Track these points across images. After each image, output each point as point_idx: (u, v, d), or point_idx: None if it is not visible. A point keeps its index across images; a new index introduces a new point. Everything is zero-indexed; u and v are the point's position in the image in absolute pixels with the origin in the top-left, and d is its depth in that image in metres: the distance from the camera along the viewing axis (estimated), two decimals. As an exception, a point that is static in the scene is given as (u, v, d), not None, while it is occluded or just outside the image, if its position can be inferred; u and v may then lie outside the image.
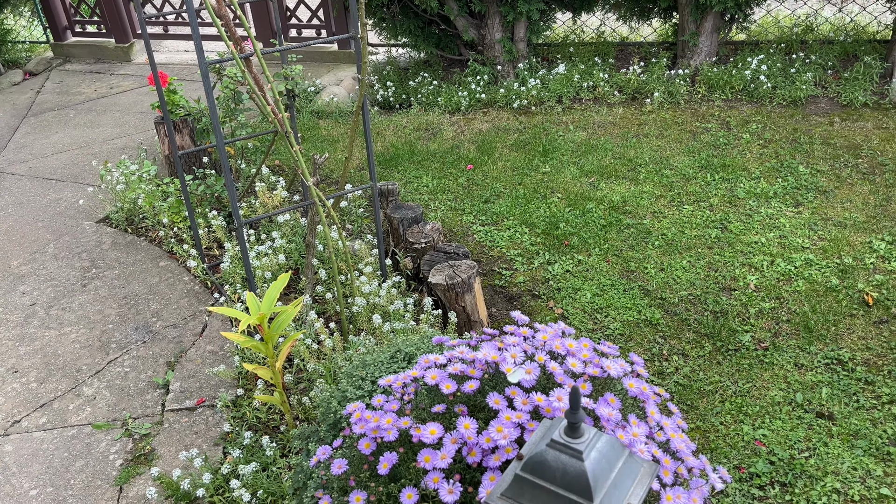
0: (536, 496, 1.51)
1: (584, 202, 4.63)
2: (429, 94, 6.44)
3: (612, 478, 1.50)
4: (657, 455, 1.86)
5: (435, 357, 2.10)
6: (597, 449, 1.49)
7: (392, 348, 2.69)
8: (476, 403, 2.03)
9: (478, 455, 1.87)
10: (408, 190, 5.08)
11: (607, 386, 2.04)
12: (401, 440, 2.00)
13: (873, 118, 5.23)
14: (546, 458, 1.50)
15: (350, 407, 2.16)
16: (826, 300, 3.56)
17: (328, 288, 3.69)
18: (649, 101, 5.85)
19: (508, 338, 2.10)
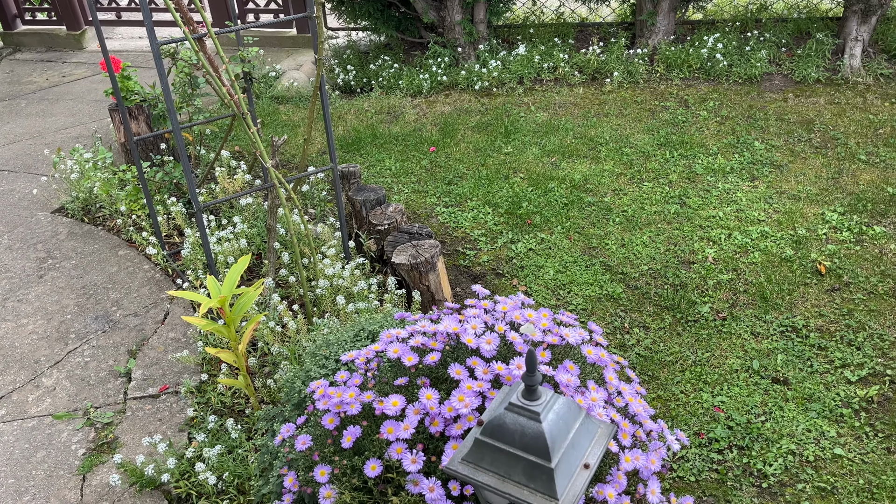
0: (496, 459, 1.54)
1: (546, 181, 4.67)
2: (390, 78, 6.40)
3: (569, 438, 1.53)
4: (616, 419, 1.90)
5: (397, 332, 2.12)
6: (554, 411, 1.52)
7: (355, 327, 2.69)
8: (438, 375, 2.05)
9: (440, 425, 1.89)
10: (371, 173, 5.07)
11: (567, 354, 2.07)
12: (364, 414, 2.01)
13: (825, 94, 5.34)
14: (505, 421, 1.53)
15: (313, 385, 2.16)
16: (781, 270, 3.65)
17: (291, 271, 3.67)
18: (609, 80, 5.90)
19: (469, 310, 2.12)
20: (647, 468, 1.90)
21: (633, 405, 1.97)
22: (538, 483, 1.49)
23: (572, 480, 1.51)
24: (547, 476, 1.48)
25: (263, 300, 3.45)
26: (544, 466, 1.48)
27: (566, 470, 1.50)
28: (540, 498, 1.48)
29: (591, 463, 1.55)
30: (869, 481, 2.57)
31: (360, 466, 1.93)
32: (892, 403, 2.87)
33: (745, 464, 2.70)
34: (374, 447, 1.94)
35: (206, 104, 6.01)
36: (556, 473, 1.48)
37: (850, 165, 4.45)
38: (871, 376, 3.00)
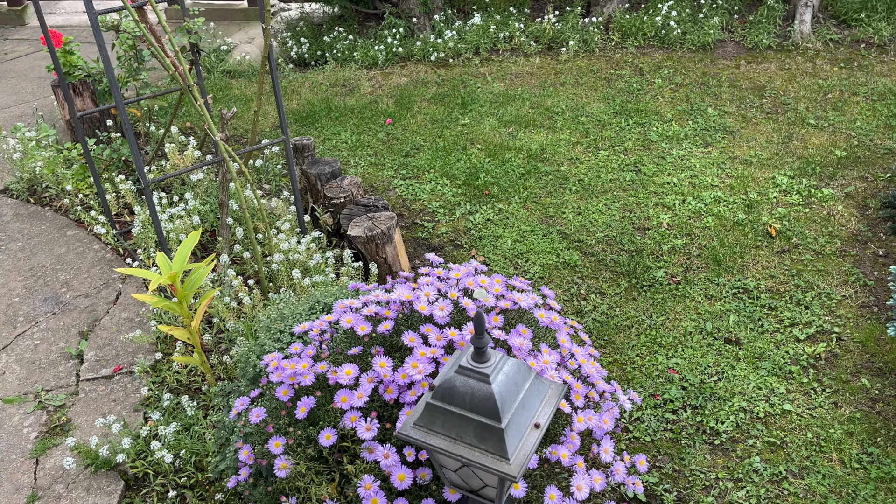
0: (447, 421, 1.54)
1: (504, 152, 4.66)
2: (344, 50, 6.30)
3: (519, 399, 1.54)
4: (568, 380, 1.92)
5: (350, 302, 2.10)
6: (503, 372, 1.52)
7: (311, 300, 2.66)
8: (393, 343, 2.04)
9: (394, 392, 1.88)
10: (326, 146, 5.00)
11: (520, 318, 2.08)
12: (318, 384, 2.00)
13: (776, 60, 5.42)
14: (455, 384, 1.53)
15: (267, 358, 2.14)
16: (733, 234, 3.72)
17: (246, 247, 3.61)
18: (565, 49, 5.89)
19: (423, 279, 2.11)
20: (600, 428, 1.92)
21: (586, 367, 1.99)
22: (489, 444, 1.50)
23: (523, 440, 1.52)
24: (497, 437, 1.49)
25: (218, 277, 3.39)
26: (494, 427, 1.48)
27: (516, 430, 1.51)
28: (491, 458, 1.49)
29: (542, 422, 1.56)
30: (817, 435, 2.65)
31: (314, 436, 1.92)
32: (838, 360, 2.95)
33: (698, 422, 2.76)
34: (328, 417, 1.94)
35: (155, 79, 5.84)
36: (507, 434, 1.49)
37: (799, 130, 4.53)
38: (819, 334, 3.08)
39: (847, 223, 3.70)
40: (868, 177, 4.03)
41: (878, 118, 4.53)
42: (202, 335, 3.14)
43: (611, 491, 2.45)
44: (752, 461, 2.58)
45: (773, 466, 2.56)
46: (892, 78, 4.96)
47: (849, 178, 4.03)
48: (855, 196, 3.89)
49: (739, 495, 2.48)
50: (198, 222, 3.71)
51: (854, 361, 2.93)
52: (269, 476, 2.08)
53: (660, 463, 2.63)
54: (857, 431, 2.64)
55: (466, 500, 1.77)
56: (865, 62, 5.21)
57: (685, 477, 2.57)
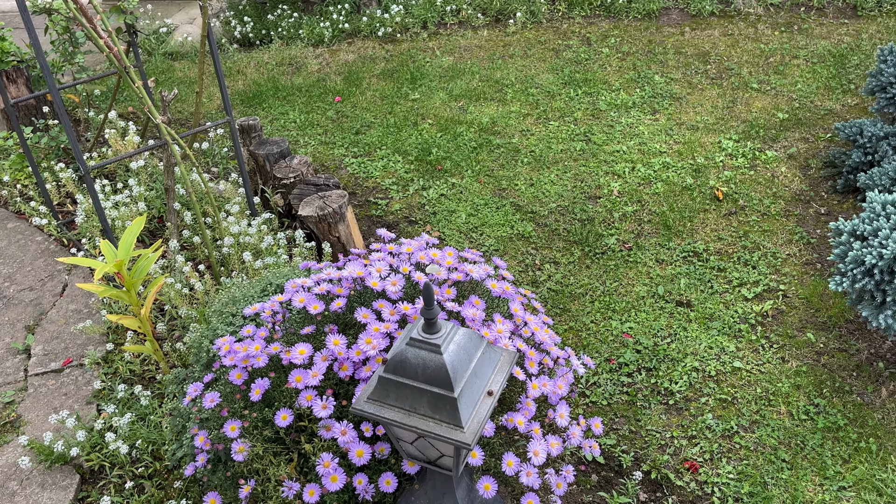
0: (401, 394, 1.54)
1: (455, 126, 4.64)
2: (290, 28, 6.18)
3: (471, 368, 1.54)
4: (522, 348, 1.93)
5: (302, 281, 2.08)
6: (454, 342, 1.53)
7: (262, 282, 2.63)
8: (346, 321, 2.03)
9: (349, 369, 1.88)
10: (275, 126, 4.91)
11: (473, 290, 2.08)
12: (272, 366, 1.98)
13: (720, 26, 5.49)
14: (406, 356, 1.53)
15: (219, 342, 2.11)
16: (682, 199, 3.78)
17: (196, 232, 3.55)
18: (513, 21, 5.87)
19: (374, 255, 2.10)
20: (554, 393, 1.95)
21: (539, 334, 2.01)
22: (443, 413, 1.51)
23: (476, 408, 1.53)
24: (451, 406, 1.49)
25: (168, 263, 3.33)
26: (448, 397, 1.49)
27: (470, 398, 1.52)
28: (445, 427, 1.49)
29: (495, 390, 1.57)
30: (766, 389, 2.73)
31: (271, 418, 1.91)
32: (784, 316, 3.04)
33: (652, 384, 2.82)
34: (284, 398, 1.92)
35: (93, 63, 5.65)
36: (460, 402, 1.50)
37: (743, 94, 4.61)
38: (766, 292, 3.17)
39: (790, 184, 3.79)
40: (809, 138, 4.13)
41: (817, 80, 4.64)
42: (154, 323, 3.08)
43: (569, 455, 2.50)
44: (704, 418, 2.65)
45: (725, 422, 2.63)
46: (830, 40, 5.07)
47: (791, 140, 4.12)
48: (797, 157, 3.98)
49: (693, 451, 2.55)
50: (144, 209, 3.63)
51: (799, 317, 3.03)
52: (227, 460, 2.06)
53: (617, 425, 2.69)
54: (804, 384, 2.73)
55: (425, 471, 1.78)
56: (805, 25, 5.31)
57: (641, 437, 2.63)
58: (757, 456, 2.51)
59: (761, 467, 2.47)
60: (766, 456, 2.50)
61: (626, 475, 2.50)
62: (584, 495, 2.44)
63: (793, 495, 2.37)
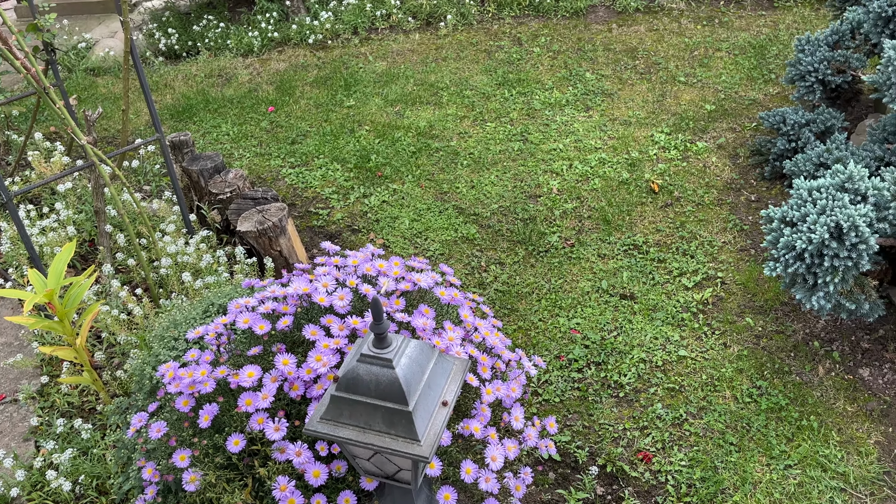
0: (355, 411, 1.52)
1: (393, 131, 4.62)
2: (217, 38, 6.05)
3: (424, 379, 1.53)
4: (474, 354, 1.93)
5: (246, 301, 2.03)
6: (406, 355, 1.51)
7: (204, 303, 2.56)
8: (294, 339, 1.99)
9: (300, 388, 1.84)
10: (207, 140, 4.80)
11: (421, 298, 2.07)
12: (220, 390, 1.93)
13: (645, 22, 5.62)
14: (358, 373, 1.51)
15: (162, 368, 2.04)
16: (620, 193, 3.85)
17: (130, 254, 3.43)
18: (444, 24, 5.89)
19: (319, 269, 2.06)
20: (508, 397, 1.95)
21: (490, 338, 2.02)
22: (399, 428, 1.49)
23: (432, 420, 1.52)
24: (406, 420, 1.48)
25: (103, 288, 3.21)
26: (402, 411, 1.48)
27: (425, 411, 1.51)
28: (402, 442, 1.48)
29: (449, 399, 1.57)
30: (711, 376, 2.81)
31: (222, 444, 1.86)
32: (724, 303, 3.13)
33: (602, 378, 2.86)
34: (234, 422, 1.87)
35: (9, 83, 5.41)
36: (415, 416, 1.48)
37: (671, 87, 4.73)
38: (705, 280, 3.25)
39: (721, 173, 3.91)
40: (736, 127, 4.26)
41: (740, 71, 4.79)
42: (91, 352, 2.97)
43: (526, 455, 2.51)
44: (654, 408, 2.71)
45: (674, 410, 2.69)
46: (750, 32, 5.25)
47: (719, 130, 4.25)
48: (726, 147, 4.11)
49: (646, 442, 2.60)
50: (73, 233, 3.49)
51: (738, 303, 3.12)
52: (178, 491, 1.99)
53: (570, 421, 2.72)
54: (746, 368, 2.82)
55: (384, 486, 1.76)
56: (725, 18, 5.49)
57: (595, 432, 2.67)
58: (706, 441, 2.57)
59: (711, 452, 2.53)
60: (715, 440, 2.57)
61: (582, 470, 2.53)
62: (543, 494, 2.46)
63: (742, 477, 2.44)
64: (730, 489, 2.41)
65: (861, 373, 2.74)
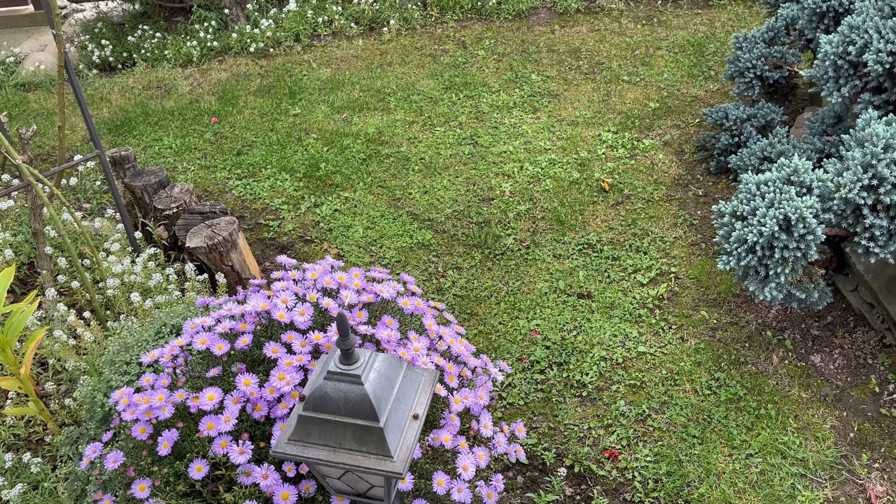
0: (324, 430, 1.48)
1: (341, 139, 4.57)
2: (154, 49, 5.88)
3: (394, 394, 1.50)
4: (440, 363, 1.91)
5: (202, 321, 1.96)
6: (374, 370, 1.48)
7: (156, 324, 2.47)
8: (254, 357, 1.94)
9: (264, 408, 1.79)
10: (149, 154, 4.66)
11: (384, 309, 2.04)
12: (180, 415, 1.86)
13: (587, 22, 5.69)
14: (326, 391, 1.47)
15: (116, 395, 1.96)
16: (571, 193, 3.88)
17: (73, 276, 3.29)
18: (387, 29, 5.85)
19: (277, 284, 2.01)
20: (476, 405, 1.94)
21: (455, 346, 2.00)
22: (370, 445, 1.46)
23: (403, 434, 1.49)
24: (378, 436, 1.45)
25: (46, 313, 3.07)
26: (373, 427, 1.44)
27: (396, 425, 1.48)
28: (374, 459, 1.45)
29: (420, 413, 1.54)
30: (670, 370, 2.85)
31: (184, 471, 1.79)
32: (679, 297, 3.18)
33: (565, 378, 2.87)
34: (196, 447, 1.81)
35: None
36: (387, 431, 1.45)
37: (616, 87, 4.80)
38: (659, 276, 3.30)
39: (668, 169, 3.98)
40: (680, 124, 4.35)
41: (681, 69, 4.90)
42: (37, 380, 2.84)
43: (494, 461, 2.50)
44: (618, 406, 2.73)
45: (637, 406, 2.72)
46: (688, 30, 5.37)
47: (664, 128, 4.33)
48: (672, 143, 4.19)
49: (611, 440, 2.62)
50: (11, 256, 3.33)
51: (692, 297, 3.18)
52: (138, 522, 1.91)
53: (535, 423, 2.72)
54: (704, 360, 2.87)
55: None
56: (664, 17, 5.60)
57: (560, 433, 2.67)
58: (670, 436, 2.60)
59: (675, 446, 2.56)
60: (678, 434, 2.60)
61: (550, 472, 2.53)
62: (513, 499, 2.45)
63: (706, 468, 2.48)
64: (695, 481, 2.45)
65: (813, 359, 2.82)
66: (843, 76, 2.85)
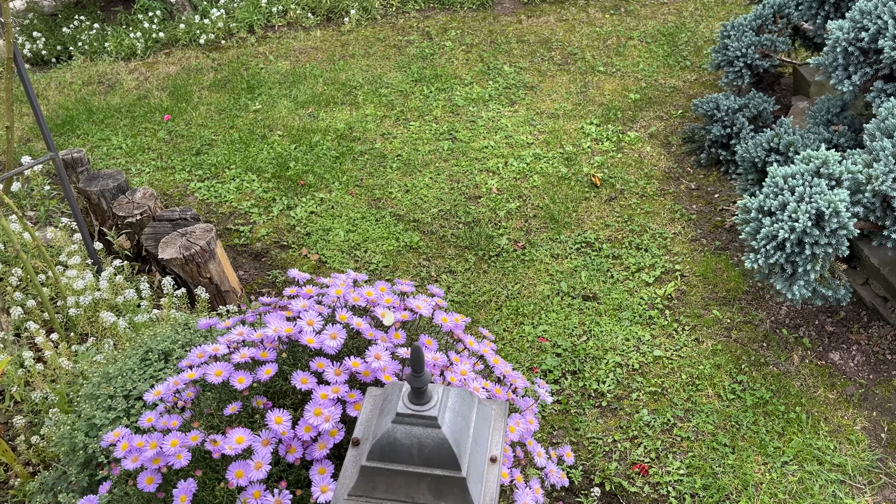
0: (393, 484, 1.26)
1: (309, 136, 4.29)
2: (92, 41, 5.44)
3: (471, 434, 1.30)
4: (488, 387, 1.71)
5: (213, 348, 1.70)
6: (450, 409, 1.27)
7: (139, 349, 2.18)
8: (277, 389, 1.69)
9: (298, 450, 1.55)
10: (97, 155, 4.27)
11: (421, 328, 1.82)
12: (196, 460, 1.60)
13: (553, 12, 5.55)
14: (395, 437, 1.25)
15: (109, 437, 1.69)
16: (561, 189, 3.73)
17: (28, 294, 2.94)
18: (347, 20, 5.57)
19: (296, 302, 1.77)
20: (528, 431, 1.75)
21: (500, 366, 1.80)
22: (450, 498, 1.25)
23: (484, 482, 1.29)
24: (459, 487, 1.24)
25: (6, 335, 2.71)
26: (454, 478, 1.23)
27: (476, 472, 1.27)
28: (460, 516, 1.24)
29: (497, 454, 1.34)
30: (690, 374, 2.72)
31: (204, 528, 1.54)
32: (687, 296, 3.06)
33: (581, 387, 2.71)
34: (219, 498, 1.55)
35: None
36: (469, 481, 1.24)
37: (592, 78, 4.68)
38: (664, 274, 3.18)
39: (658, 162, 3.87)
40: (663, 115, 4.25)
41: (655, 59, 4.81)
42: (-6, 417, 2.50)
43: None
44: (641, 415, 2.58)
45: (661, 415, 2.58)
46: (657, 20, 5.29)
47: (648, 119, 4.23)
48: (657, 135, 4.08)
49: (639, 453, 2.47)
50: (-48, 274, 2.95)
51: (701, 295, 3.06)
52: (144, 586, 1.64)
53: (556, 438, 2.55)
54: (723, 363, 2.75)
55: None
56: (631, 7, 5.51)
57: (584, 447, 2.51)
58: (700, 445, 2.47)
59: (706, 456, 2.43)
60: (708, 443, 2.48)
61: (580, 493, 2.36)
62: (546, 523, 2.27)
63: (742, 480, 2.36)
64: (733, 494, 2.32)
65: (832, 357, 2.74)
66: (854, 63, 2.77)
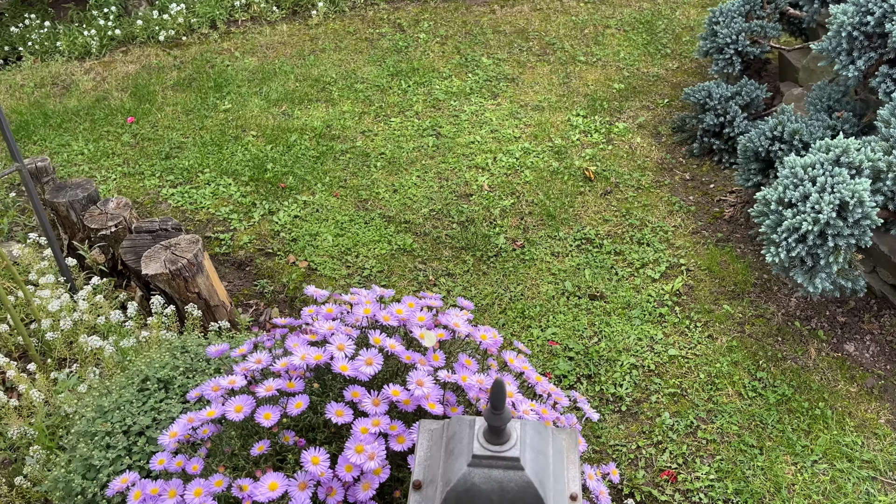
0: (474, 534, 1.12)
1: (285, 135, 4.09)
2: (43, 40, 5.12)
3: (551, 472, 1.16)
4: (535, 408, 1.58)
5: (229, 381, 1.53)
6: (529, 447, 1.14)
7: (135, 377, 1.99)
8: (307, 422, 1.53)
9: (339, 493, 1.40)
10: (57, 162, 4.00)
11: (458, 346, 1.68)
12: (220, 510, 1.43)
13: (528, 1, 5.43)
14: (472, 481, 1.11)
15: (116, 484, 1.51)
16: (554, 184, 3.62)
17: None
18: (315, 13, 5.36)
19: (321, 324, 1.60)
20: (578, 452, 1.62)
21: (542, 384, 1.67)
22: (536, 545, 1.11)
23: (568, 523, 1.16)
24: (545, 533, 1.10)
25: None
26: (541, 523, 1.10)
27: (562, 514, 1.14)
28: (551, 567, 1.10)
29: (577, 492, 1.21)
30: (708, 373, 2.64)
31: (237, 584, 1.37)
32: (695, 291, 2.99)
33: (598, 392, 2.61)
34: (250, 552, 1.39)
35: None
36: (556, 525, 1.11)
37: (573, 68, 4.57)
38: (670, 269, 3.10)
39: (650, 153, 3.79)
40: (650, 105, 4.17)
41: (635, 47, 4.73)
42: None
43: None
44: (662, 419, 2.49)
45: (683, 418, 2.49)
46: (632, 7, 5.21)
47: (634, 110, 4.14)
48: (646, 126, 4.00)
49: (665, 458, 2.38)
50: None
51: (709, 289, 2.99)
52: None
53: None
54: (740, 359, 2.68)
55: None
56: (605, -4, 5.42)
57: (608, 455, 2.41)
58: (727, 447, 2.39)
59: (734, 459, 2.36)
60: (735, 445, 2.40)
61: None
62: (579, 540, 2.16)
63: (774, 482, 2.28)
64: (766, 498, 2.25)
65: (847, 348, 2.69)
66: (858, 48, 2.72)
